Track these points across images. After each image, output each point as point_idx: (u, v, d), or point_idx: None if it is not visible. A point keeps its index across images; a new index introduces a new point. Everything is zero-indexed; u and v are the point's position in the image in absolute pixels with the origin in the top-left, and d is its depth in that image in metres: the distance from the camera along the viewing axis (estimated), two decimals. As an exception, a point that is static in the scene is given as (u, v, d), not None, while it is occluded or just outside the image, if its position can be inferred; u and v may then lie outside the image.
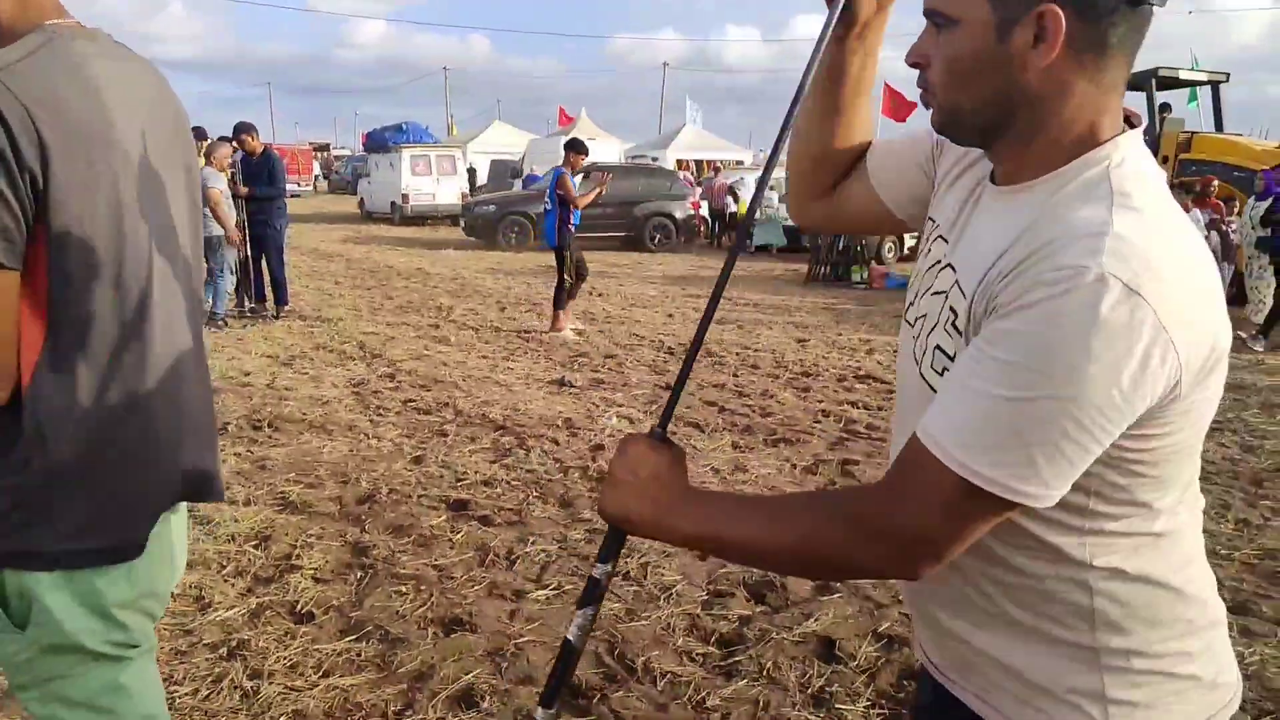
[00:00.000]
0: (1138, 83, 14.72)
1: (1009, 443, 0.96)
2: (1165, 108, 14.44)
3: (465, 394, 7.16)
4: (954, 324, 1.10)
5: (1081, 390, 0.93)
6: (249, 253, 10.31)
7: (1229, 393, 7.73)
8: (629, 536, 1.27)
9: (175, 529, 1.68)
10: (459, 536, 4.42)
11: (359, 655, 3.35)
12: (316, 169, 48.04)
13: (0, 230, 1.32)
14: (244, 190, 9.96)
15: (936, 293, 1.16)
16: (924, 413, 1.06)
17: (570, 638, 1.27)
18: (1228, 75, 14.98)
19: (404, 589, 3.86)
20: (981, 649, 1.16)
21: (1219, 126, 14.66)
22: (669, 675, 3.27)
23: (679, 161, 31.24)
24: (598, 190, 10.40)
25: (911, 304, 1.25)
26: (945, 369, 1.10)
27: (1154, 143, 14.11)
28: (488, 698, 3.10)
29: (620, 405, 6.97)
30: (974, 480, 0.98)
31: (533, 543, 4.35)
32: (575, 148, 9.97)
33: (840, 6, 1.25)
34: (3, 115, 1.30)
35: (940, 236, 1.22)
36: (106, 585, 1.52)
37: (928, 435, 1.02)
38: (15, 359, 1.39)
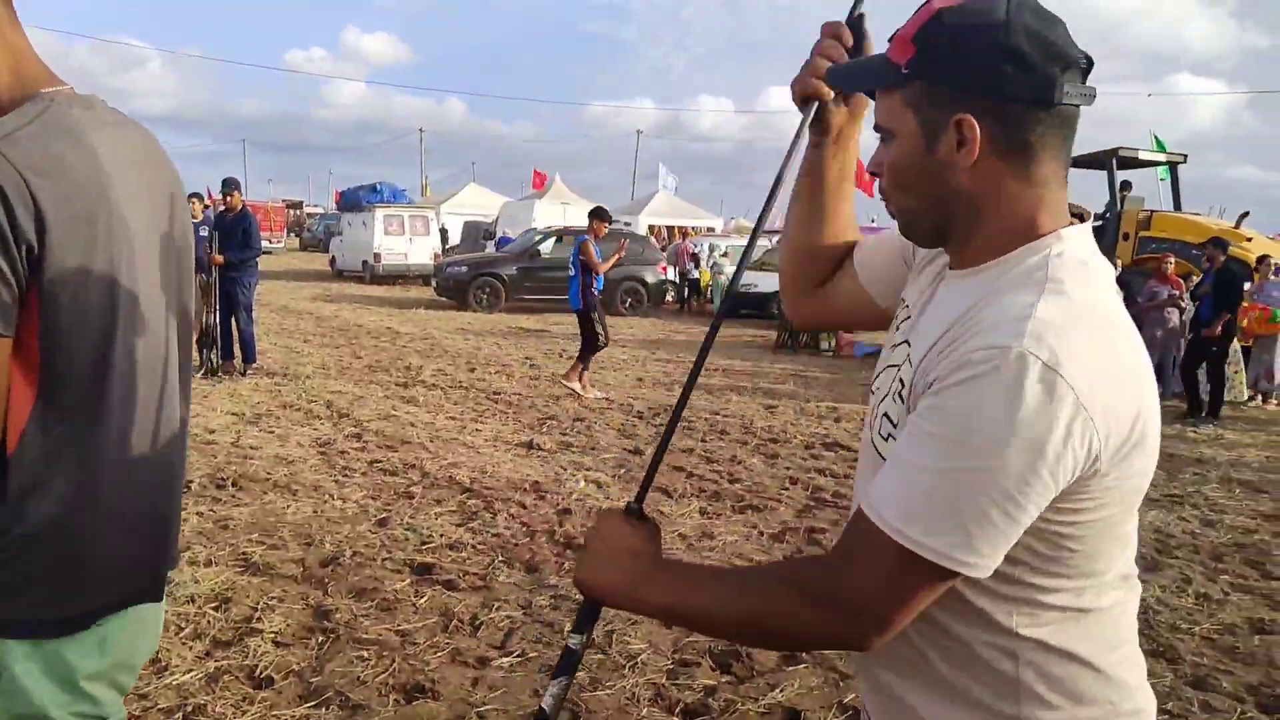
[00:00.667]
0: (1099, 161, 15.14)
1: (942, 513, 1.01)
2: (1125, 186, 14.83)
3: (432, 455, 7.13)
4: (900, 394, 1.16)
5: (1005, 463, 0.98)
6: (218, 312, 10.25)
7: (1190, 468, 7.88)
8: (603, 608, 1.30)
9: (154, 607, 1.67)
10: (423, 601, 4.37)
11: (318, 723, 3.29)
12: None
13: None
14: (218, 259, 9.98)
15: (892, 365, 1.23)
16: (868, 480, 1.13)
17: (544, 707, 1.29)
18: (1185, 156, 15.43)
19: (366, 654, 3.81)
20: (915, 708, 1.19)
21: (1177, 205, 15.06)
22: (633, 746, 3.24)
23: (651, 227, 31.56)
24: (618, 256, 10.65)
25: (876, 377, 1.31)
26: (890, 435, 1.17)
27: (1115, 219, 14.47)
28: (448, 768, 3.05)
29: (589, 469, 6.96)
30: (912, 548, 1.02)
31: (497, 608, 4.32)
32: (599, 215, 10.47)
33: (813, 111, 1.34)
34: (2, 188, 1.32)
35: (908, 316, 1.28)
36: (78, 657, 1.50)
37: (870, 507, 1.07)
38: (3, 423, 1.39)
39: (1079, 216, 1.16)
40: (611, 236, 22.35)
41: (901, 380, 1.17)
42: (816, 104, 1.35)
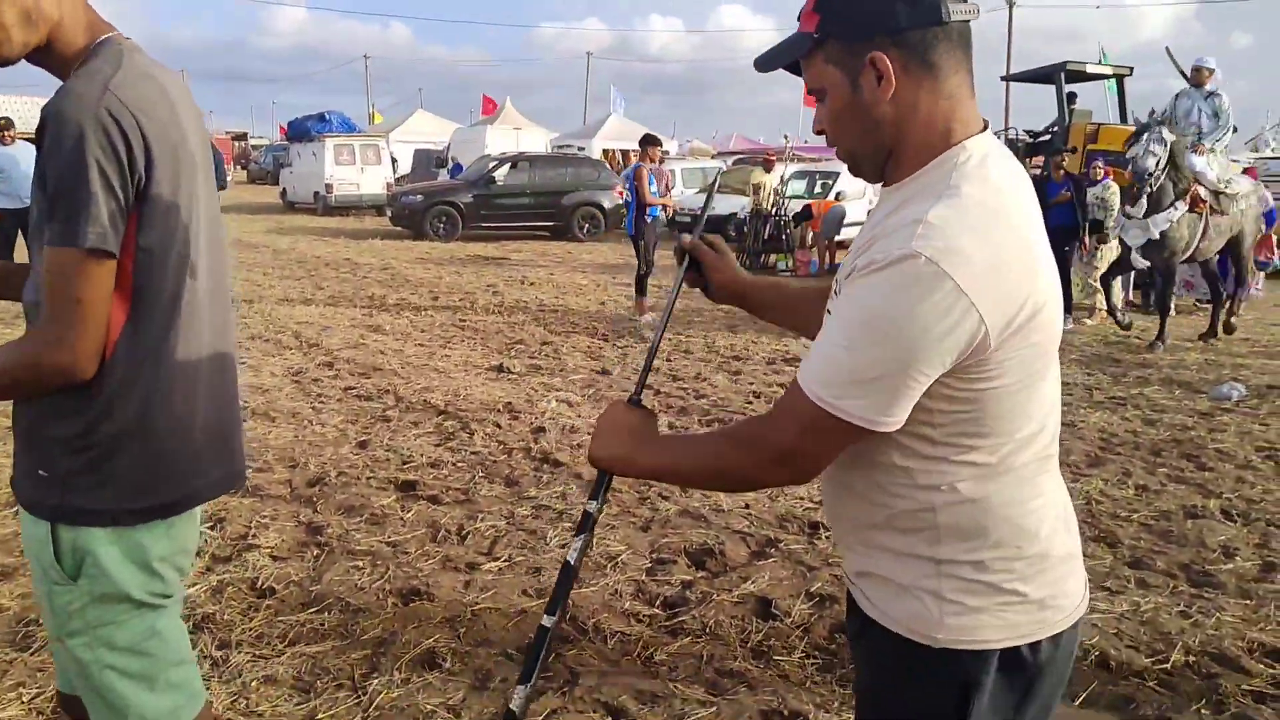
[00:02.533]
0: (1047, 75, 15.30)
1: (849, 380, 1.24)
2: (1072, 97, 15.03)
3: (405, 381, 7.29)
4: (836, 291, 1.39)
5: (899, 340, 1.20)
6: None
7: (1134, 370, 8.23)
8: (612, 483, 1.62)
9: None
10: (410, 515, 4.58)
11: (322, 625, 3.51)
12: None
13: (113, 225, 1.50)
14: None
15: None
16: None
17: (570, 560, 1.57)
18: (1131, 69, 15.63)
19: (360, 564, 4.02)
20: (867, 554, 1.44)
21: (1123, 118, 15.30)
22: (618, 634, 3.49)
23: (605, 151, 31.41)
24: (667, 200, 11.04)
25: None
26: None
27: (1063, 133, 14.70)
28: (449, 659, 3.28)
29: (559, 390, 7.16)
30: (825, 407, 1.26)
31: (482, 519, 4.54)
32: (651, 141, 10.71)
33: (683, 272, 1.82)
34: (121, 125, 1.49)
35: None
36: (151, 541, 1.70)
37: (800, 375, 1.31)
38: (105, 336, 1.56)
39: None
40: (566, 162, 22.41)
41: (838, 279, 1.40)
42: (686, 259, 1.81)
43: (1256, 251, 11.38)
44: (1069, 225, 10.73)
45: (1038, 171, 14.62)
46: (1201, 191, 9.27)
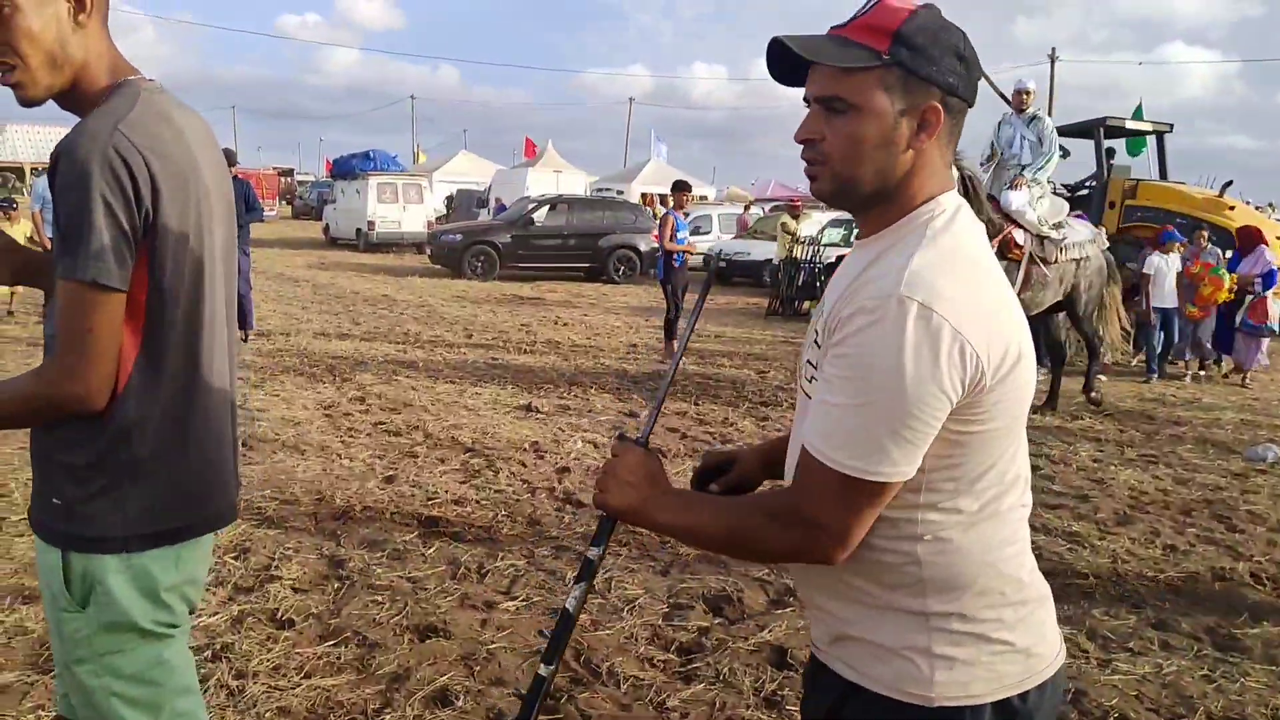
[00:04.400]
0: (1086, 130, 15.28)
1: (863, 438, 1.24)
2: (1111, 153, 14.99)
3: (434, 417, 7.36)
4: (815, 340, 1.39)
5: (902, 389, 1.20)
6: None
7: (1167, 428, 8.13)
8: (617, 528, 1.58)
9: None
10: (431, 551, 4.62)
11: (338, 658, 3.54)
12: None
13: (118, 259, 1.55)
14: None
15: (812, 323, 1.46)
16: (803, 419, 1.38)
17: (568, 607, 1.56)
18: (1171, 126, 15.56)
19: (380, 599, 4.06)
20: (842, 619, 1.40)
21: (1163, 174, 15.22)
22: (632, 679, 3.49)
23: (643, 195, 31.65)
24: (688, 248, 11.03)
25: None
26: (814, 377, 1.36)
27: (1102, 188, 14.65)
28: (462, 697, 3.30)
29: (585, 430, 7.20)
30: (845, 471, 1.24)
31: (502, 558, 4.56)
32: (681, 187, 10.90)
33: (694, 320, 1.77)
34: (128, 163, 1.55)
35: None
36: (160, 571, 1.74)
37: (810, 444, 1.29)
38: (116, 367, 1.62)
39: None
40: (605, 205, 22.63)
41: (816, 329, 1.39)
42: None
43: (1252, 314, 10.79)
44: None
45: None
46: (1018, 235, 8.02)
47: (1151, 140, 15.53)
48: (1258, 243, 11.19)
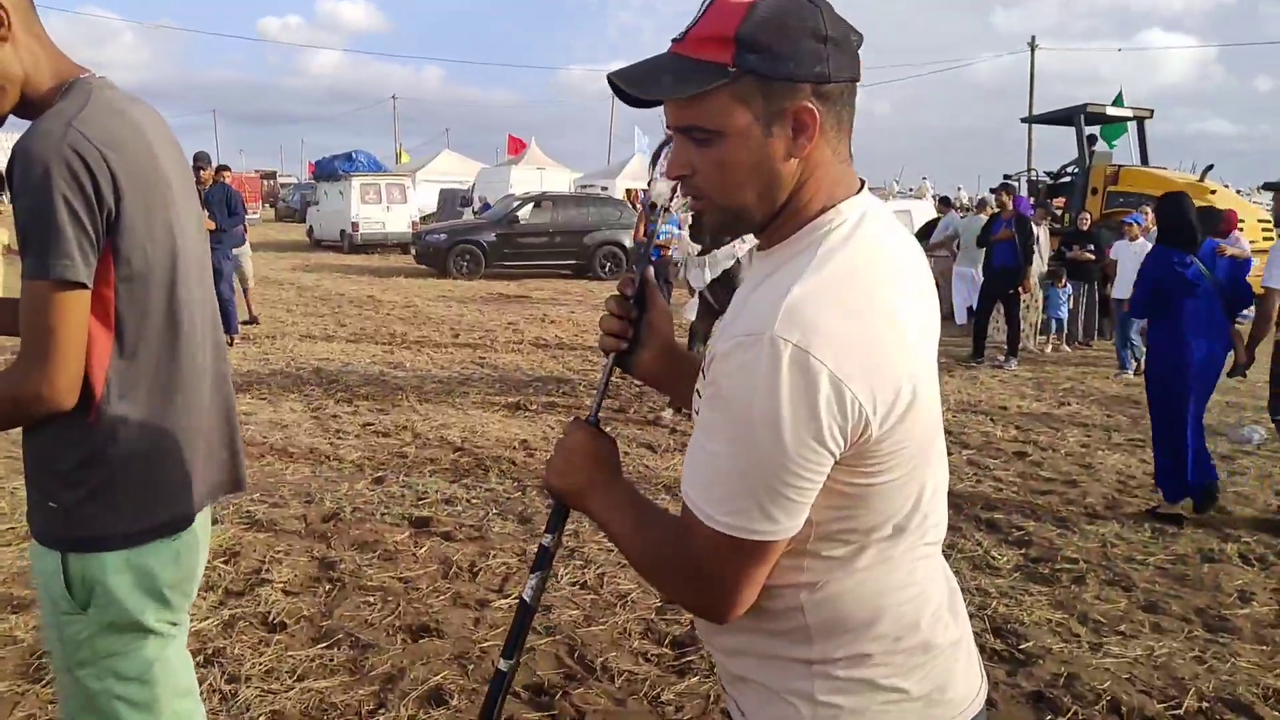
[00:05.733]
0: (1067, 117, 15.36)
1: (739, 492, 1.09)
2: (1092, 140, 15.07)
3: (423, 417, 7.34)
4: (704, 369, 1.21)
5: (780, 442, 1.05)
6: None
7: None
8: (574, 521, 1.46)
9: (204, 519, 1.90)
10: (422, 551, 4.61)
11: (331, 660, 3.53)
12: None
13: (82, 256, 1.54)
14: (210, 224, 10.14)
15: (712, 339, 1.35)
16: None
17: (525, 598, 1.47)
18: (1151, 111, 15.66)
19: (371, 600, 4.05)
20: (734, 660, 1.30)
21: (1144, 160, 15.31)
22: (626, 674, 3.49)
23: (628, 191, 31.62)
24: (645, 236, 10.98)
25: None
26: (699, 410, 1.21)
27: (1084, 174, 14.72)
28: (456, 696, 3.29)
29: (574, 427, 7.17)
30: (722, 530, 1.10)
31: (494, 556, 4.56)
32: None
33: (610, 362, 1.49)
34: (86, 160, 1.53)
35: None
36: (160, 567, 1.73)
37: (686, 494, 1.14)
38: (84, 365, 1.60)
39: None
40: (589, 202, 22.61)
41: (710, 352, 1.20)
42: (613, 356, 1.48)
43: None
44: (1011, 266, 10.49)
45: (1059, 212, 14.64)
46: None
47: (1132, 126, 15.61)
48: (1231, 228, 11.23)
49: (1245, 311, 5.92)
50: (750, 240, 6.88)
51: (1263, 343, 5.54)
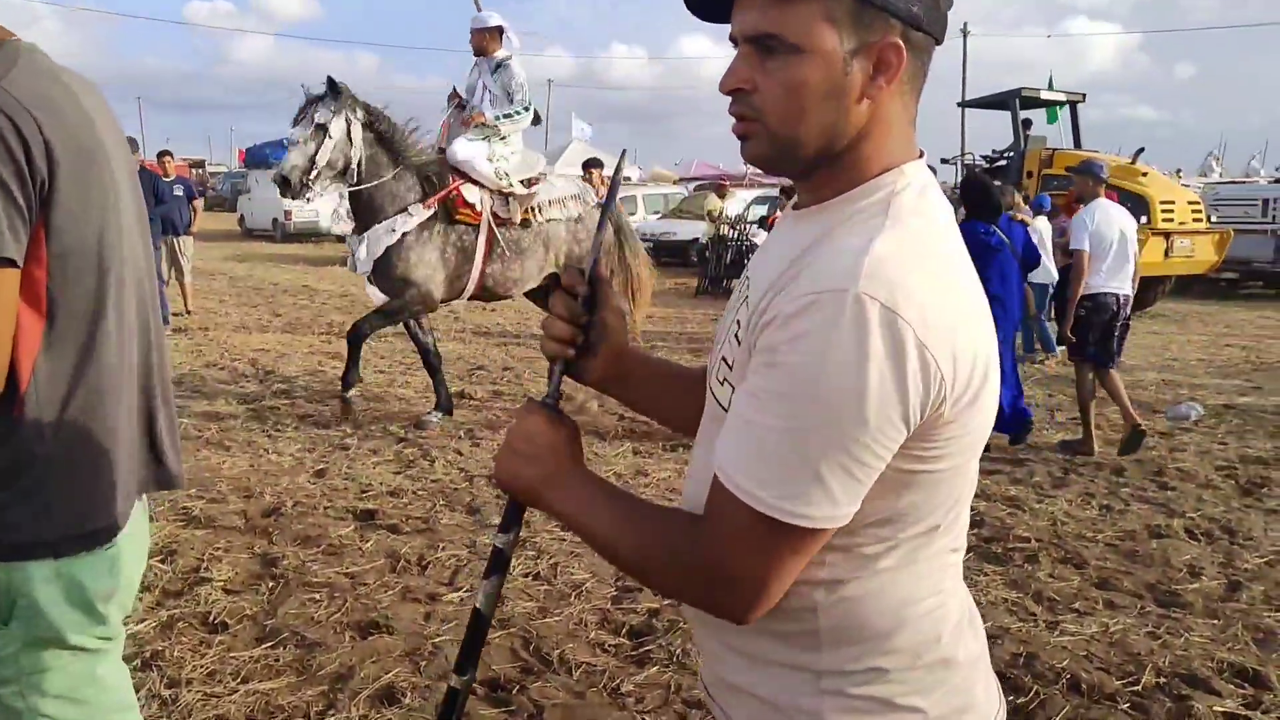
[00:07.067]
0: (1002, 101, 15.56)
1: (797, 472, 0.97)
2: (1027, 124, 15.30)
3: (364, 408, 7.16)
4: (737, 334, 1.10)
5: (860, 411, 0.94)
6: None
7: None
8: (532, 516, 1.32)
9: (140, 520, 1.75)
10: (368, 545, 4.47)
11: (277, 661, 3.39)
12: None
13: (11, 230, 1.38)
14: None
15: (731, 308, 1.18)
16: (710, 428, 1.14)
17: (479, 606, 1.30)
18: (1084, 95, 15.95)
19: (317, 596, 3.91)
20: (727, 663, 1.18)
21: (1077, 143, 15.58)
22: (584, 666, 3.40)
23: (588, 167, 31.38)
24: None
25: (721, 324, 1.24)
26: (726, 380, 1.11)
27: (1019, 158, 14.93)
28: (409, 694, 3.18)
29: (520, 416, 7.06)
30: (771, 513, 0.98)
31: (443, 548, 4.44)
32: (593, 164, 11.08)
33: (559, 370, 1.33)
34: (16, 124, 1.37)
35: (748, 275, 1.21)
36: (92, 579, 1.58)
37: (723, 472, 1.02)
38: (10, 353, 1.45)
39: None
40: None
41: (739, 321, 1.10)
42: (561, 363, 1.32)
43: None
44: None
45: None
46: (469, 193, 6.68)
47: (1065, 111, 15.87)
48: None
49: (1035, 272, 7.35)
50: (417, 216, 6.30)
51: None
